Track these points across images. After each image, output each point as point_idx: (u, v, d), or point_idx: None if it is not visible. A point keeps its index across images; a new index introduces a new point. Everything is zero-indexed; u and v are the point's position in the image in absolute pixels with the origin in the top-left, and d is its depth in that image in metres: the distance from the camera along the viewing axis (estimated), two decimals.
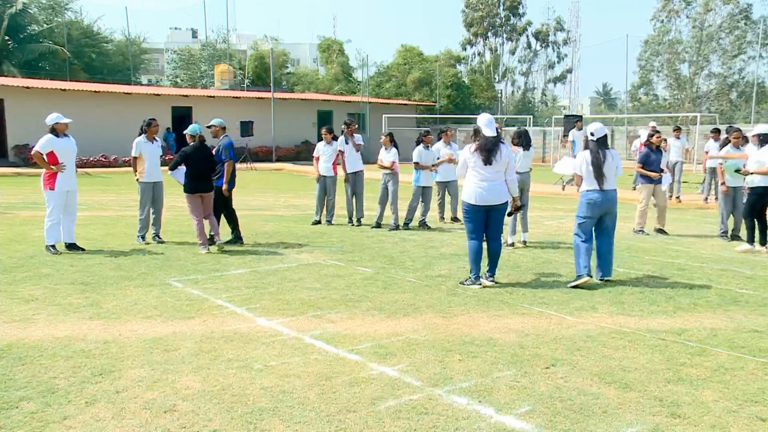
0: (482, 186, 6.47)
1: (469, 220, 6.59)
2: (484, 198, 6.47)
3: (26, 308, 5.56)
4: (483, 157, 6.46)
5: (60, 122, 8.18)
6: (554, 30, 48.23)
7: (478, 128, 6.60)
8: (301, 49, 63.63)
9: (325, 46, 46.42)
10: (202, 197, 8.33)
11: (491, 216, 6.56)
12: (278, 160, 30.53)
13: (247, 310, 5.57)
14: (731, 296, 6.18)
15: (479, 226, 6.56)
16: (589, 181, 6.67)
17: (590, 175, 6.63)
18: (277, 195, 16.65)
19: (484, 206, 6.50)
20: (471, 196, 6.50)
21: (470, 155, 6.56)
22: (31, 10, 36.40)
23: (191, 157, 8.27)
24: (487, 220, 6.56)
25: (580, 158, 6.82)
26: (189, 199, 8.27)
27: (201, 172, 8.30)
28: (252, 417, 3.48)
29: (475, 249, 6.55)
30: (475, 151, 6.52)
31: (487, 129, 6.53)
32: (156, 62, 50.12)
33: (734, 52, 38.13)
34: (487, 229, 6.60)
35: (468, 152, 6.61)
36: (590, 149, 6.73)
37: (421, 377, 4.06)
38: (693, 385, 3.97)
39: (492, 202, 6.50)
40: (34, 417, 3.47)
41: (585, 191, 6.71)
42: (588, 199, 6.66)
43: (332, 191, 10.80)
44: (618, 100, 64.75)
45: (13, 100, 25.08)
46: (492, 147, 6.48)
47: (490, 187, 6.47)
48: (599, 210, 6.66)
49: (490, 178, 6.48)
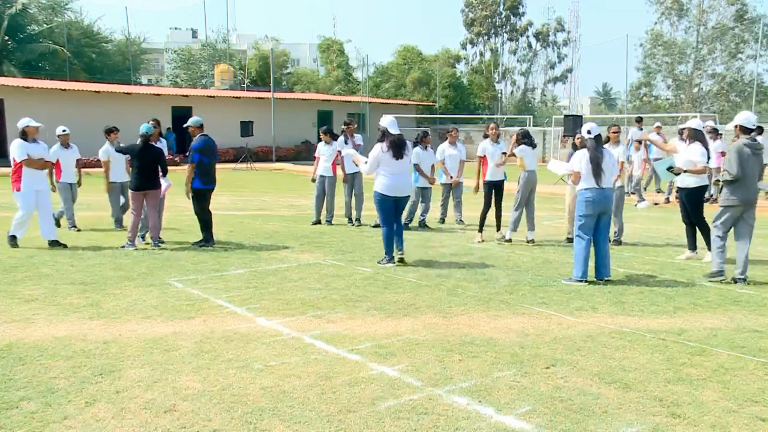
0: (394, 179, 7.40)
1: (383, 209, 7.50)
2: (396, 189, 7.43)
3: (26, 308, 5.56)
4: (394, 153, 7.33)
5: (30, 125, 8.43)
6: (554, 30, 48.23)
7: (385, 129, 7.45)
8: (301, 49, 63.63)
9: (325, 46, 46.43)
10: (146, 194, 8.42)
11: (399, 205, 7.58)
12: (278, 160, 30.51)
13: (247, 310, 5.57)
14: (731, 296, 6.18)
15: (391, 213, 7.50)
16: (587, 180, 6.68)
17: (589, 172, 6.65)
18: (277, 195, 16.65)
19: (394, 197, 7.45)
20: (385, 188, 7.41)
21: (382, 153, 7.37)
22: (31, 10, 36.41)
23: (136, 156, 8.35)
24: (396, 208, 7.53)
25: (578, 156, 6.83)
26: (132, 196, 8.42)
27: (146, 171, 8.36)
28: (252, 417, 3.48)
29: (388, 234, 7.51)
30: (388, 149, 7.34)
31: (393, 129, 7.46)
32: (156, 62, 50.12)
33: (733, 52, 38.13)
34: (396, 216, 7.56)
35: (380, 150, 7.39)
36: (588, 147, 6.74)
37: (421, 377, 4.06)
38: (693, 385, 3.97)
39: (401, 193, 7.52)
40: (34, 417, 3.47)
41: (583, 190, 6.73)
42: (586, 198, 6.67)
43: (332, 191, 10.79)
44: (618, 100, 64.76)
45: (13, 100, 25.06)
46: (401, 144, 7.44)
47: (400, 179, 7.45)
48: (598, 208, 6.67)
49: (399, 171, 7.43)
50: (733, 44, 37.97)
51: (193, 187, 8.53)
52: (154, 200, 8.55)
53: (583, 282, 6.59)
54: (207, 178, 8.58)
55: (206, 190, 8.62)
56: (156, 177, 8.52)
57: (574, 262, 6.73)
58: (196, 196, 8.57)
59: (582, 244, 6.67)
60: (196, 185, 8.53)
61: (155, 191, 8.54)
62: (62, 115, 25.23)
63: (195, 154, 8.52)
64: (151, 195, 8.49)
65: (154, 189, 8.51)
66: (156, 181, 8.53)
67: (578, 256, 6.67)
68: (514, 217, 9.00)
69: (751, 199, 6.75)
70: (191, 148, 8.58)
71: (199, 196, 8.59)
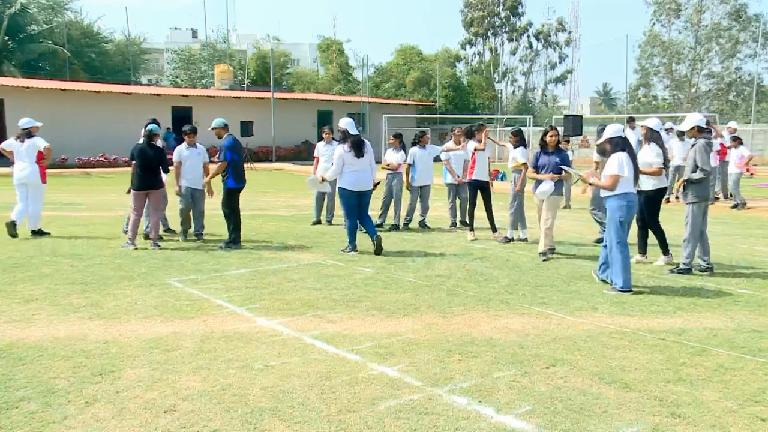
0: (356, 175, 8.14)
1: (346, 204, 8.22)
2: (359, 184, 8.15)
3: (26, 308, 5.56)
4: (356, 152, 8.07)
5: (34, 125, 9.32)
6: (555, 30, 48.24)
7: (345, 130, 8.15)
8: (301, 49, 63.63)
9: (324, 46, 46.43)
10: (148, 194, 8.43)
11: (362, 200, 8.27)
12: (278, 160, 30.53)
13: (247, 310, 5.57)
14: (731, 296, 6.18)
15: (354, 207, 8.22)
16: (627, 184, 6.42)
17: (631, 176, 6.43)
18: (277, 195, 16.65)
19: (357, 191, 8.17)
20: (348, 183, 8.14)
21: (345, 153, 8.10)
22: (31, 10, 36.41)
23: (137, 155, 8.36)
24: (359, 202, 8.23)
25: (617, 160, 6.42)
26: (134, 195, 8.42)
27: (148, 170, 8.37)
28: (252, 417, 3.48)
29: (352, 226, 8.27)
30: (350, 149, 8.07)
31: (353, 129, 8.20)
32: (156, 62, 50.15)
33: (730, 52, 38.12)
34: (360, 210, 8.27)
35: (343, 150, 8.12)
36: (627, 151, 6.48)
37: (421, 377, 4.06)
38: (693, 385, 3.97)
39: (364, 187, 8.23)
40: (34, 417, 3.47)
41: (622, 194, 6.41)
42: (628, 201, 6.42)
43: (332, 191, 10.78)
44: (618, 100, 64.77)
45: (13, 100, 25.07)
46: (361, 143, 8.18)
47: (362, 175, 8.19)
48: (633, 211, 6.56)
49: (361, 168, 8.17)
50: (729, 44, 37.98)
51: (227, 186, 8.54)
52: (156, 200, 8.56)
53: (630, 292, 6.22)
54: (239, 177, 8.60)
55: (239, 189, 8.65)
56: (158, 176, 8.53)
57: (617, 272, 6.28)
58: (228, 195, 8.57)
59: (625, 252, 6.31)
60: (231, 184, 8.54)
61: (157, 191, 8.54)
62: (62, 115, 25.32)
63: (227, 152, 8.51)
64: (154, 195, 8.49)
65: (156, 189, 8.52)
66: (158, 181, 8.53)
67: (624, 265, 6.26)
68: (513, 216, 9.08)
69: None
70: (224, 147, 8.55)
71: (232, 195, 8.59)
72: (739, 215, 12.82)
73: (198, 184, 8.88)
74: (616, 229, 6.42)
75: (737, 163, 13.80)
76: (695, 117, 7.45)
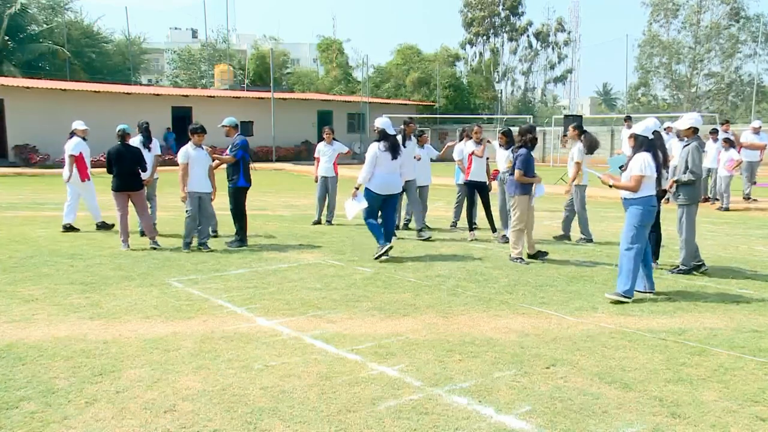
0: (385, 177, 7.76)
1: (371, 206, 7.76)
2: (386, 188, 7.78)
3: (26, 308, 5.56)
4: (392, 154, 7.74)
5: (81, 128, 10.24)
6: (555, 30, 48.26)
7: (383, 130, 7.78)
8: (301, 49, 63.66)
9: (324, 45, 46.42)
10: (130, 195, 8.45)
11: (388, 202, 7.89)
12: (278, 160, 30.52)
13: (247, 310, 5.57)
14: (731, 296, 6.18)
15: (375, 210, 7.84)
16: (650, 186, 5.98)
17: (653, 178, 5.98)
18: (277, 195, 16.64)
19: (384, 195, 7.79)
20: (376, 186, 7.73)
21: (380, 152, 7.72)
22: (31, 10, 36.42)
23: (114, 158, 8.36)
24: (383, 205, 7.85)
25: (642, 160, 5.97)
26: (114, 196, 8.44)
27: (127, 171, 8.38)
28: (252, 417, 3.48)
29: (373, 224, 7.84)
30: (386, 150, 7.70)
31: (390, 129, 7.85)
32: (156, 62, 50.18)
33: (729, 51, 38.12)
34: (384, 211, 7.90)
35: (378, 149, 7.72)
36: (651, 152, 6.00)
37: (421, 377, 4.06)
38: (693, 385, 3.97)
39: (392, 191, 7.87)
40: (34, 417, 3.47)
41: (647, 197, 5.97)
42: (652, 205, 6.00)
43: (333, 191, 10.79)
44: (618, 100, 64.76)
45: (13, 100, 25.07)
46: (398, 145, 7.92)
47: (390, 178, 7.82)
48: (654, 216, 6.11)
49: (391, 170, 7.81)
50: (729, 44, 37.97)
51: (238, 186, 8.57)
52: (141, 202, 8.54)
53: (630, 299, 5.90)
54: (248, 177, 8.65)
55: (247, 189, 8.70)
56: (138, 178, 8.52)
57: (623, 276, 5.95)
58: (237, 194, 8.60)
59: (638, 261, 5.94)
60: (242, 183, 8.57)
61: (139, 192, 8.53)
62: (62, 115, 25.31)
63: (240, 150, 8.52)
64: (136, 196, 8.49)
65: (137, 190, 8.51)
66: (138, 182, 8.54)
67: (632, 269, 5.90)
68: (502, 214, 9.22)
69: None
70: (236, 145, 8.56)
71: (241, 194, 8.63)
72: (740, 215, 12.83)
73: (205, 187, 8.41)
74: (634, 234, 5.95)
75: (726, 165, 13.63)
76: (692, 117, 7.30)
